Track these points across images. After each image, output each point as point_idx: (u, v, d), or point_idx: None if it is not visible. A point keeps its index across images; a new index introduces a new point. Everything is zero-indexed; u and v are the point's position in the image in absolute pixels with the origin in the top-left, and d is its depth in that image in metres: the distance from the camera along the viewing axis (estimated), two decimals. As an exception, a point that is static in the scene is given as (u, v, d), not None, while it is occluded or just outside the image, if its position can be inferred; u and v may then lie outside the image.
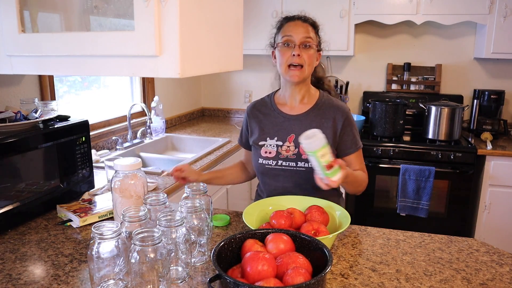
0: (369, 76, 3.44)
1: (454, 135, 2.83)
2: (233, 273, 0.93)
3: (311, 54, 1.43)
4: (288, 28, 1.45)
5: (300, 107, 1.52)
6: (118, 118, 2.65)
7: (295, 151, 1.47)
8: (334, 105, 1.51)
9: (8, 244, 1.25)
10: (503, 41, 2.83)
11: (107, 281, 0.96)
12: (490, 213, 2.77)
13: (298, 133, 1.47)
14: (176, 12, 0.90)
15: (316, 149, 1.21)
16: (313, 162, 1.24)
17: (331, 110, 1.49)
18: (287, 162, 1.48)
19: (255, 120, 1.57)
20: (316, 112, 1.50)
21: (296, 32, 1.42)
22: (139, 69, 0.98)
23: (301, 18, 1.47)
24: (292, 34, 1.42)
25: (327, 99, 1.53)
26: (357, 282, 1.04)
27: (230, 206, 2.65)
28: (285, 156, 1.48)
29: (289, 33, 1.43)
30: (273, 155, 1.50)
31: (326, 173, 1.23)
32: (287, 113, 1.52)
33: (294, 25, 1.44)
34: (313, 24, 1.48)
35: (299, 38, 1.41)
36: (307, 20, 1.47)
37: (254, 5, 3.12)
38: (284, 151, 1.49)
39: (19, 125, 1.41)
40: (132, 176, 1.17)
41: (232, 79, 3.74)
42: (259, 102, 1.61)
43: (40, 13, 1.19)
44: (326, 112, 1.49)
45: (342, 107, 1.51)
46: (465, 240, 1.27)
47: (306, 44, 1.42)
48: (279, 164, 1.49)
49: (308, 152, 1.23)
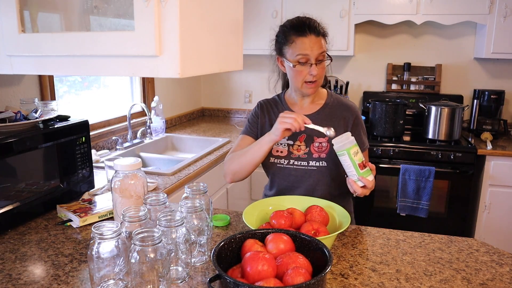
0: (369, 76, 3.44)
1: (454, 135, 2.83)
2: (233, 273, 0.93)
3: (324, 68, 1.41)
4: (302, 45, 1.36)
5: (310, 107, 1.52)
6: (118, 118, 2.65)
7: (306, 150, 1.47)
8: (344, 104, 1.51)
9: (8, 244, 1.25)
10: (503, 41, 2.83)
11: (107, 281, 0.96)
12: (490, 213, 2.77)
13: (309, 133, 1.47)
14: (176, 12, 0.90)
15: (349, 147, 1.22)
16: (346, 162, 1.24)
17: (341, 109, 1.50)
18: (299, 162, 1.48)
19: (267, 116, 1.55)
20: (327, 111, 1.50)
21: (311, 50, 1.36)
22: (139, 69, 0.98)
23: (314, 31, 1.37)
24: (308, 53, 1.36)
25: (336, 97, 1.54)
26: (357, 282, 1.04)
27: (230, 206, 2.65)
28: (296, 155, 1.48)
29: (304, 51, 1.36)
30: (284, 154, 1.49)
31: (361, 173, 1.23)
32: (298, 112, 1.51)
33: (309, 42, 1.36)
34: (324, 33, 1.42)
35: (315, 55, 1.36)
36: (319, 33, 1.39)
37: (254, 5, 3.12)
38: (296, 150, 1.48)
39: (19, 125, 1.41)
40: (132, 176, 1.17)
41: (232, 79, 3.74)
42: (271, 100, 1.59)
43: (40, 13, 1.19)
44: (337, 111, 1.50)
45: (352, 106, 1.52)
46: (465, 240, 1.27)
47: (322, 60, 1.39)
48: (290, 163, 1.48)
49: (341, 151, 1.23)
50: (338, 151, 1.25)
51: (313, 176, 1.47)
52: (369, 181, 1.25)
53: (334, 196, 1.46)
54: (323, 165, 1.46)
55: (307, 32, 1.37)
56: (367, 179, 1.25)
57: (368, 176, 1.25)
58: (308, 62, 1.37)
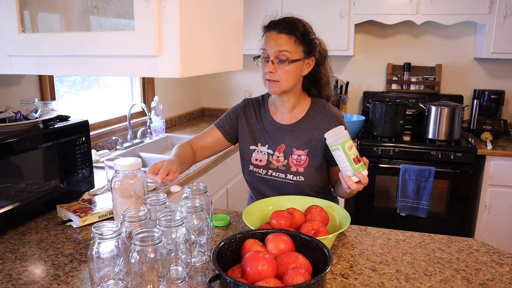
0: (369, 76, 3.44)
1: (454, 135, 2.83)
2: (233, 273, 0.93)
3: (288, 70, 1.32)
4: (265, 39, 1.36)
5: (291, 117, 1.46)
6: (118, 118, 2.65)
7: (284, 162, 1.44)
8: (327, 113, 1.44)
9: (8, 244, 1.25)
10: (503, 41, 2.83)
11: (107, 281, 0.96)
12: (490, 213, 2.77)
13: (288, 144, 1.44)
14: (176, 12, 0.90)
15: (344, 140, 1.18)
16: (340, 157, 1.20)
17: (324, 119, 1.43)
18: (276, 173, 1.45)
19: (248, 120, 1.51)
20: (307, 122, 1.44)
21: (269, 45, 1.33)
22: (139, 69, 0.98)
23: (277, 27, 1.33)
24: (266, 48, 1.34)
25: (319, 106, 1.46)
26: (357, 282, 1.04)
27: (230, 206, 2.65)
28: (275, 166, 1.45)
29: (264, 46, 1.35)
30: (263, 163, 1.47)
31: (355, 168, 1.19)
32: (278, 121, 1.47)
33: (269, 37, 1.34)
34: (293, 32, 1.32)
35: (272, 52, 1.32)
36: (283, 29, 1.32)
37: (254, 5, 3.12)
38: (275, 161, 1.45)
39: (19, 125, 1.41)
40: (132, 176, 1.17)
41: (232, 79, 3.74)
42: (257, 103, 1.54)
43: (40, 13, 1.19)
44: (319, 121, 1.43)
45: (335, 114, 1.44)
46: (465, 240, 1.27)
47: (281, 59, 1.32)
48: (269, 174, 1.46)
49: (335, 145, 1.19)
50: (331, 146, 1.21)
51: (290, 189, 1.44)
52: (364, 176, 1.21)
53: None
54: (300, 180, 1.43)
55: (271, 28, 1.36)
56: (362, 174, 1.20)
57: (363, 171, 1.21)
58: (267, 58, 1.35)
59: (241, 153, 1.53)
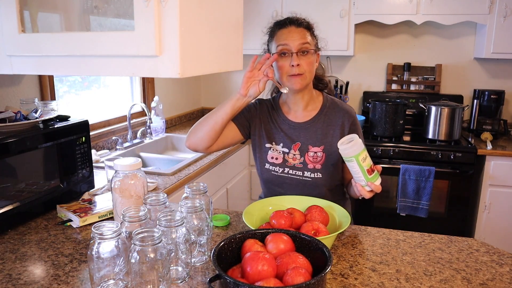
0: (369, 76, 3.44)
1: (454, 135, 2.83)
2: (233, 273, 0.93)
3: (311, 61, 1.36)
4: (282, 35, 1.36)
5: (305, 114, 1.47)
6: (118, 118, 2.65)
7: (301, 159, 1.44)
8: (340, 109, 1.46)
9: (8, 244, 1.25)
10: (503, 41, 2.83)
11: (107, 281, 0.96)
12: (490, 213, 2.77)
13: (303, 141, 1.45)
14: (176, 12, 0.90)
15: (358, 153, 1.17)
16: (354, 168, 1.20)
17: (338, 115, 1.45)
18: (293, 171, 1.45)
19: (262, 118, 1.50)
20: (322, 118, 1.46)
21: (291, 39, 1.34)
22: (139, 69, 0.98)
23: (294, 23, 1.37)
24: (287, 42, 1.34)
25: (332, 102, 1.48)
26: (357, 282, 1.04)
27: (230, 206, 2.65)
28: (292, 164, 1.45)
29: (284, 41, 1.35)
30: (279, 161, 1.46)
31: (369, 178, 1.19)
32: (293, 120, 1.48)
33: (288, 32, 1.35)
34: (308, 26, 1.40)
35: (296, 45, 1.34)
36: (301, 23, 1.38)
37: (254, 5, 3.12)
38: (291, 159, 1.45)
39: (19, 125, 1.41)
40: (132, 176, 1.17)
41: (232, 79, 3.74)
42: (269, 102, 1.54)
43: (40, 13, 1.19)
44: (332, 117, 1.45)
45: (348, 111, 1.47)
46: (465, 240, 1.27)
47: (304, 51, 1.34)
48: (285, 172, 1.46)
49: (349, 157, 1.18)
50: (346, 157, 1.20)
51: (308, 187, 1.44)
52: (377, 186, 1.22)
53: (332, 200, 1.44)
54: (318, 177, 1.43)
55: (287, 24, 1.38)
56: (375, 185, 1.21)
57: (376, 180, 1.22)
58: (289, 52, 1.35)
59: (257, 151, 1.52)
